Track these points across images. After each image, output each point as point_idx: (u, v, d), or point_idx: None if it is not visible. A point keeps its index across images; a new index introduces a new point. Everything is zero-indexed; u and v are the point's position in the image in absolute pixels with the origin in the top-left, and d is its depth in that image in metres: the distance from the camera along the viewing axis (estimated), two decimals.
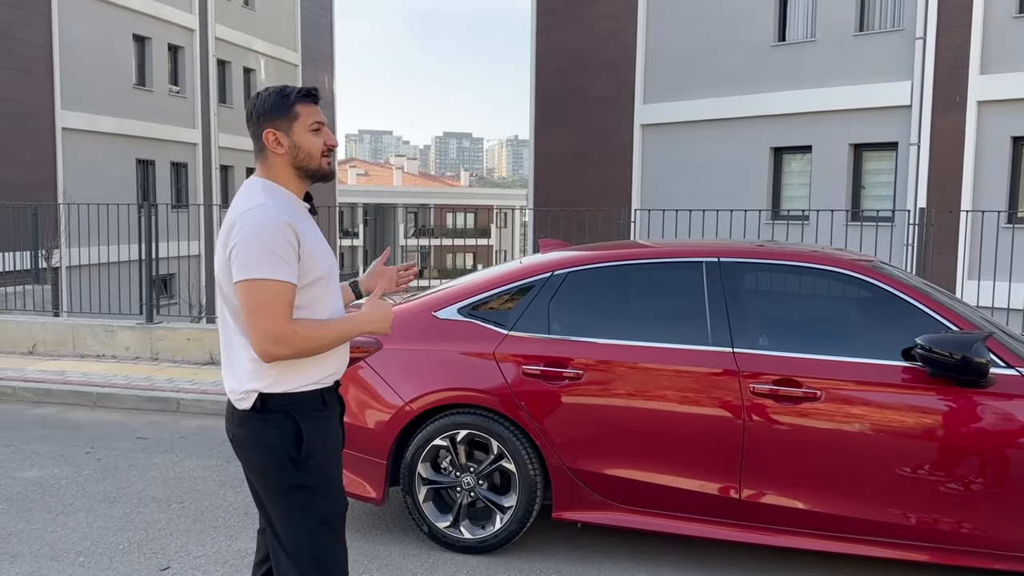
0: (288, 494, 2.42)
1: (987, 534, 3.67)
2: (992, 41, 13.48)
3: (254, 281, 2.29)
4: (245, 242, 2.30)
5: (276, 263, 2.29)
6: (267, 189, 2.42)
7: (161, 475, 5.51)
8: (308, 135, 2.45)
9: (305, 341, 2.33)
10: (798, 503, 3.83)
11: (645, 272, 4.39)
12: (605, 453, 4.07)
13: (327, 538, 2.46)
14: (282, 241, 2.31)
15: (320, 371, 2.46)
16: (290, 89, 2.48)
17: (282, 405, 2.40)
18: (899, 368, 3.75)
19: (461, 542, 4.24)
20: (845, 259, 4.16)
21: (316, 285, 2.41)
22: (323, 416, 2.48)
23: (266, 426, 2.40)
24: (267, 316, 2.29)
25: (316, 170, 2.48)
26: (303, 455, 2.40)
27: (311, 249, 2.38)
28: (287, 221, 2.33)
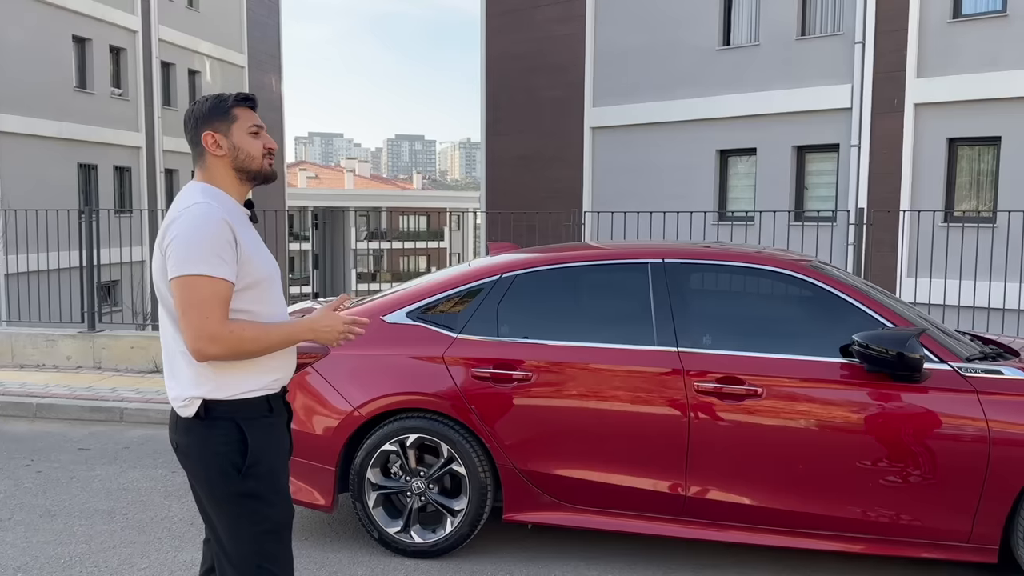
0: (233, 502, 2.39)
1: (923, 524, 3.78)
2: (928, 45, 13.90)
3: (189, 277, 2.26)
4: (181, 239, 2.28)
5: (212, 260, 2.26)
6: (206, 191, 2.40)
7: (104, 487, 5.39)
8: (247, 137, 2.44)
9: (241, 342, 2.30)
10: (742, 498, 3.91)
11: (592, 274, 4.43)
12: (555, 454, 4.10)
13: (273, 547, 2.44)
14: (220, 239, 2.28)
15: (265, 377, 2.43)
16: (227, 94, 2.47)
17: (226, 412, 2.37)
18: (837, 365, 3.85)
19: (412, 547, 4.23)
20: (785, 259, 4.25)
21: (253, 289, 2.38)
22: (269, 423, 2.45)
23: (210, 433, 2.37)
24: (201, 313, 2.26)
25: (258, 171, 2.46)
26: (248, 463, 2.38)
27: (248, 252, 2.36)
28: (224, 218, 2.31)
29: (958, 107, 13.65)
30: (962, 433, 3.70)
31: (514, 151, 21.06)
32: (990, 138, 13.53)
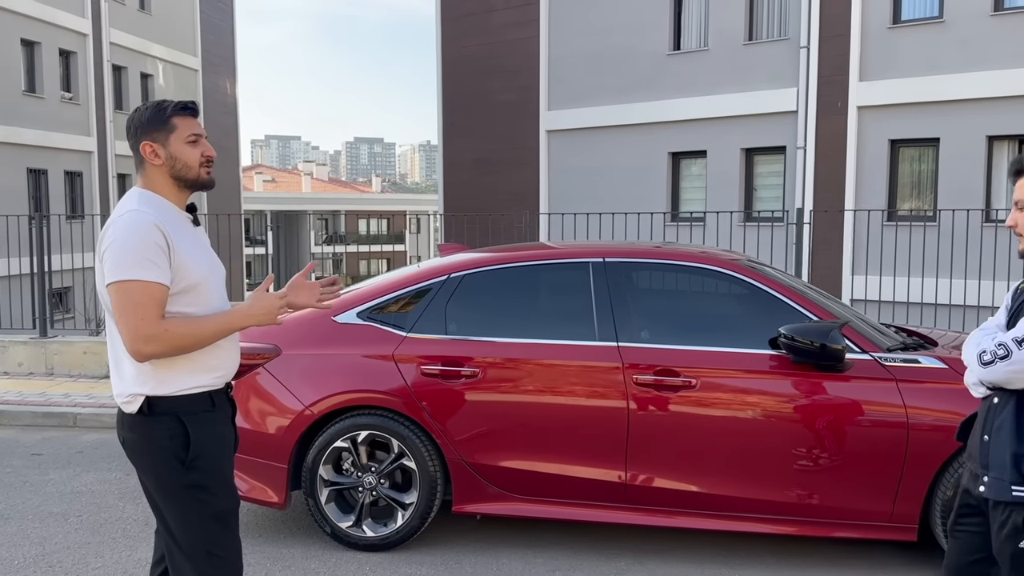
0: (180, 493, 2.49)
1: (849, 506, 4.01)
2: (869, 50, 14.34)
3: (123, 283, 2.36)
4: (115, 246, 2.38)
5: (144, 265, 2.37)
6: (142, 198, 2.49)
7: (57, 490, 5.42)
8: (185, 147, 2.52)
9: (176, 338, 2.40)
10: (680, 485, 4.10)
11: (537, 273, 4.60)
12: (502, 447, 4.25)
13: (220, 534, 2.55)
14: (151, 244, 2.38)
15: (206, 375, 2.53)
16: (167, 103, 2.55)
17: (169, 408, 2.47)
18: (766, 356, 4.07)
19: (364, 540, 4.35)
20: (720, 258, 4.46)
21: (190, 291, 2.48)
22: (211, 417, 2.55)
23: (154, 429, 2.47)
24: (136, 315, 2.36)
25: (195, 180, 2.55)
26: (191, 455, 2.47)
27: (183, 256, 2.45)
28: (156, 225, 2.41)
29: (899, 109, 14.10)
30: (882, 419, 3.93)
31: (471, 154, 21.20)
32: (930, 139, 14.00)
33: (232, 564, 2.57)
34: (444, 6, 21.15)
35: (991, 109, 13.27)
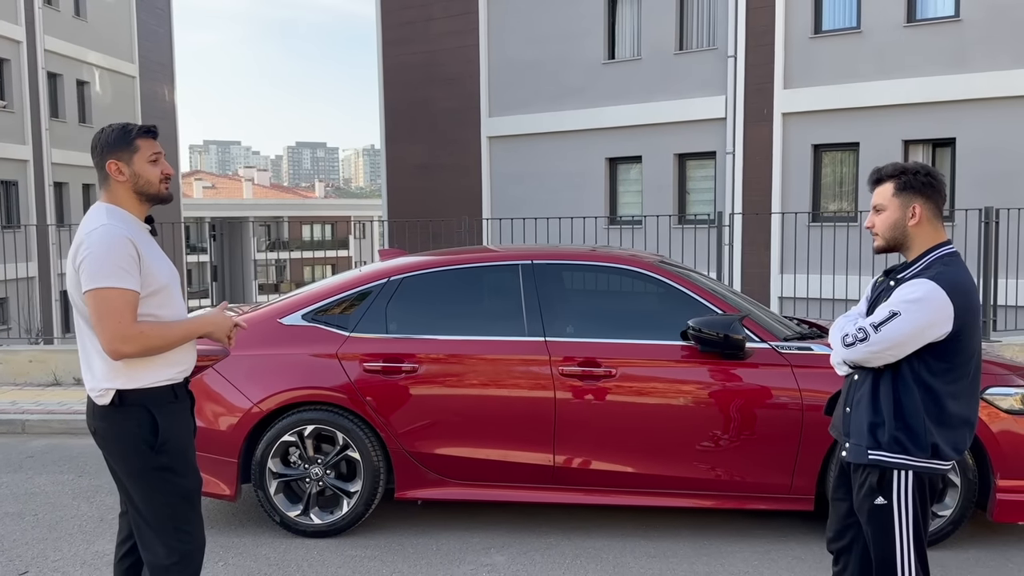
0: (149, 475, 2.78)
1: (755, 480, 4.45)
2: (793, 59, 15.08)
3: (101, 290, 2.65)
4: (92, 257, 2.66)
5: (120, 274, 2.66)
6: (110, 212, 2.78)
7: (11, 492, 5.59)
8: (147, 165, 2.81)
9: (150, 339, 2.71)
10: (603, 465, 4.50)
11: (470, 275, 4.96)
12: (440, 436, 4.60)
13: (186, 511, 2.84)
14: (125, 255, 2.67)
15: (168, 370, 2.83)
16: (132, 126, 2.85)
17: (138, 399, 2.76)
18: (678, 347, 4.50)
19: (312, 527, 4.65)
20: (636, 259, 4.89)
21: (157, 295, 2.78)
22: (175, 407, 2.85)
23: (124, 418, 2.76)
24: (114, 319, 2.65)
25: (156, 195, 2.85)
26: (160, 441, 2.77)
27: (149, 264, 2.75)
28: (128, 237, 2.70)
29: (821, 116, 14.86)
30: (780, 401, 4.38)
31: (414, 160, 21.47)
32: (850, 143, 14.78)
33: (197, 537, 2.86)
34: (384, 14, 21.39)
35: (906, 115, 14.10)
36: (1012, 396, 4.38)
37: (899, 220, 2.89)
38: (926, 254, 2.86)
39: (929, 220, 2.87)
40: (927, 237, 2.87)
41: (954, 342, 2.73)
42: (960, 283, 2.74)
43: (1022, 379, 4.50)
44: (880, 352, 2.76)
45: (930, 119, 13.94)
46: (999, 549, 4.37)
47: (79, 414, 7.39)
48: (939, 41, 13.80)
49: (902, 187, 2.88)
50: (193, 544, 2.86)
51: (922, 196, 2.86)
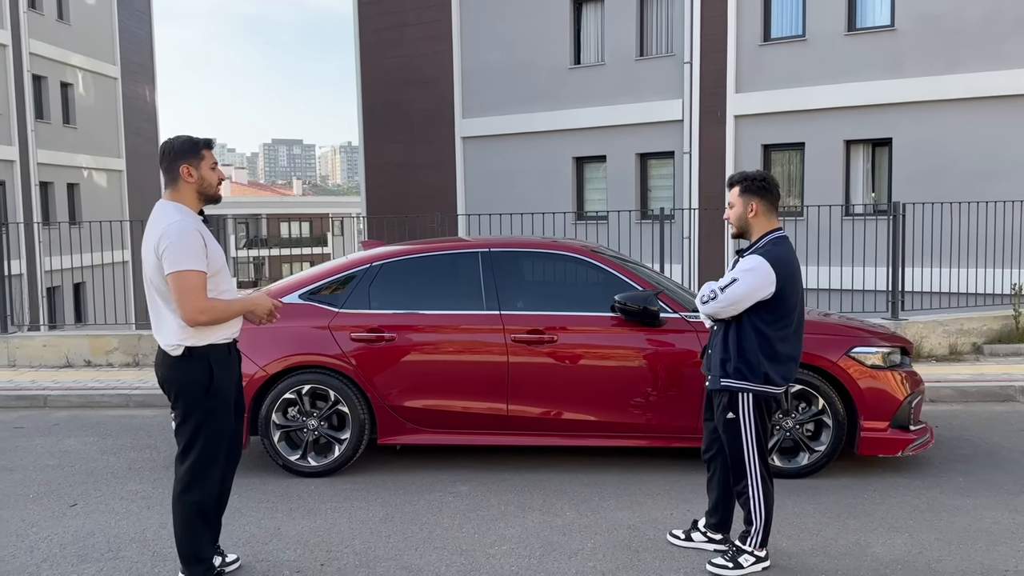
0: (200, 412, 3.71)
1: (672, 424, 5.50)
2: (744, 65, 16.19)
3: (181, 272, 3.55)
4: (173, 246, 3.56)
5: (194, 259, 3.56)
6: (179, 209, 3.71)
7: (47, 450, 6.53)
8: (209, 171, 3.74)
9: (217, 311, 3.62)
10: (547, 412, 5.54)
11: (438, 261, 5.98)
12: (414, 392, 5.61)
13: (220, 446, 3.77)
14: (198, 244, 3.60)
15: (224, 332, 3.76)
16: (198, 138, 3.73)
17: (201, 353, 3.71)
18: (607, 318, 5.54)
19: (309, 469, 5.64)
20: (575, 246, 5.93)
21: (217, 275, 3.70)
22: (227, 362, 3.79)
23: (190, 366, 3.69)
24: (192, 295, 3.55)
25: (213, 195, 3.78)
26: (213, 385, 3.73)
27: (212, 250, 3.68)
28: (197, 229, 3.66)
29: (770, 118, 15.99)
30: (688, 360, 5.42)
31: (392, 159, 22.42)
32: (796, 144, 15.92)
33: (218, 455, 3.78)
34: (361, 21, 22.30)
35: (847, 117, 15.25)
36: (874, 354, 5.46)
37: (742, 214, 3.95)
38: (762, 238, 3.92)
39: (763, 213, 3.93)
40: (762, 226, 3.93)
41: (779, 300, 3.79)
42: (782, 258, 3.80)
43: (884, 341, 5.60)
44: (724, 307, 3.81)
45: (869, 121, 15.09)
46: (863, 477, 5.45)
47: (94, 390, 8.34)
48: (877, 48, 14.94)
49: (743, 190, 3.94)
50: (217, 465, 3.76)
51: (757, 196, 3.92)
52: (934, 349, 9.11)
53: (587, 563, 4.18)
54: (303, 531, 4.68)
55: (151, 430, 7.10)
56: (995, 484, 5.27)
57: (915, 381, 5.63)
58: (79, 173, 28.45)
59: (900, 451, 5.42)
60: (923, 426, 5.63)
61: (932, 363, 8.81)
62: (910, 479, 5.39)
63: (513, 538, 4.52)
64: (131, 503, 5.24)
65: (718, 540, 4.24)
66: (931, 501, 4.98)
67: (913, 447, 5.45)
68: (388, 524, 4.77)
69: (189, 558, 3.79)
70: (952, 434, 6.48)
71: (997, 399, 7.60)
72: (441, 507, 5.03)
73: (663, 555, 4.26)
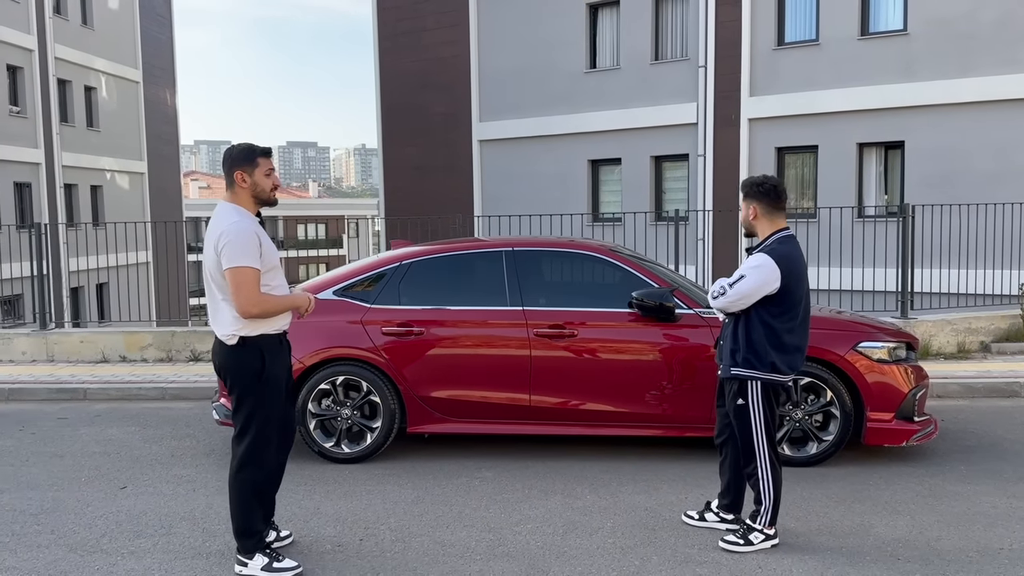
0: (253, 396, 4.03)
1: (686, 414, 5.78)
2: (758, 69, 16.44)
3: (238, 268, 3.88)
4: (232, 243, 3.88)
5: (249, 257, 3.89)
6: (237, 211, 4.04)
7: (92, 438, 6.90)
8: (263, 177, 4.05)
9: (268, 305, 3.94)
10: (568, 403, 5.84)
11: (465, 260, 6.29)
12: (442, 383, 5.93)
13: (270, 429, 4.09)
14: (254, 243, 3.92)
15: (274, 325, 4.08)
16: (256, 146, 4.05)
17: (254, 342, 4.03)
18: (625, 313, 5.84)
19: (343, 455, 5.97)
20: (593, 245, 6.24)
21: (270, 271, 4.02)
22: (278, 351, 4.10)
23: (244, 354, 4.02)
24: (246, 289, 3.87)
25: (267, 200, 4.09)
26: (264, 373, 4.05)
27: (266, 249, 3.99)
28: (254, 230, 3.99)
29: (783, 121, 16.22)
30: (702, 354, 5.71)
31: (409, 161, 22.80)
32: (809, 146, 16.15)
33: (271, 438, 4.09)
34: (380, 25, 22.70)
35: (860, 120, 15.47)
36: (880, 349, 5.74)
37: (746, 216, 4.26)
38: (768, 237, 4.21)
39: (765, 215, 4.23)
40: (766, 226, 4.23)
41: (784, 294, 4.08)
42: (786, 255, 4.10)
43: (890, 336, 5.87)
44: (734, 302, 4.11)
45: (882, 124, 15.30)
46: (869, 466, 5.72)
47: (131, 384, 8.71)
48: (890, 53, 15.16)
49: (746, 195, 4.26)
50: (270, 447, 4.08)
51: (756, 199, 4.22)
52: (943, 347, 9.35)
53: (607, 540, 4.48)
54: (341, 510, 5.01)
55: (189, 421, 7.45)
56: (995, 472, 5.54)
57: (920, 375, 5.90)
58: (102, 175, 29.00)
59: (905, 441, 5.69)
60: (927, 418, 5.89)
61: (940, 361, 9.05)
62: (914, 467, 5.66)
63: (537, 518, 4.83)
64: (178, 486, 5.59)
65: (730, 520, 4.53)
66: (933, 487, 5.25)
67: (917, 437, 5.71)
68: (420, 505, 5.08)
69: (242, 532, 4.12)
70: (957, 427, 6.73)
71: (1003, 395, 7.84)
72: (468, 490, 5.34)
73: (678, 533, 4.55)
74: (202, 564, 4.28)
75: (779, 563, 4.14)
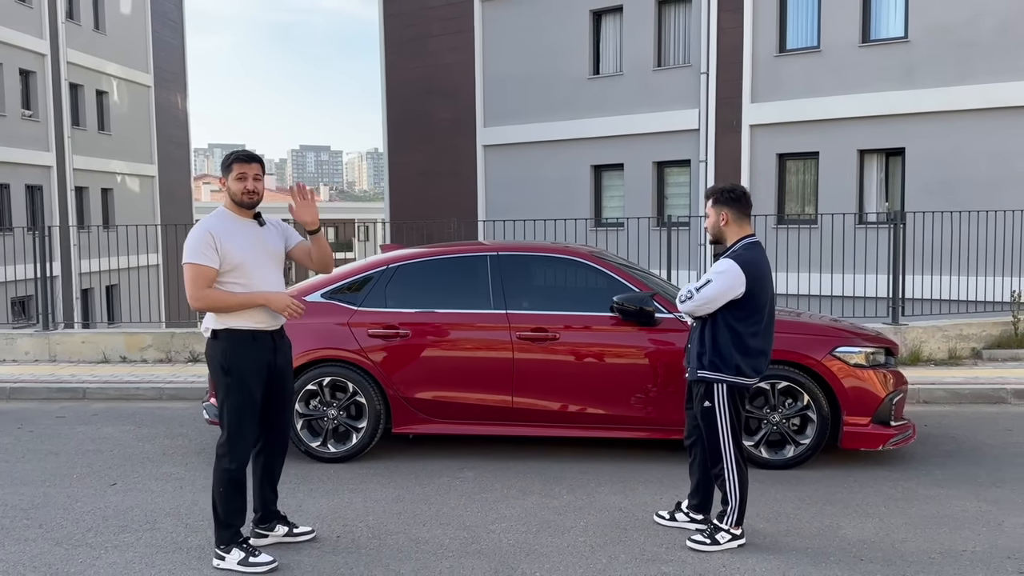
0: (222, 386, 4.20)
1: (665, 417, 5.87)
2: (759, 75, 16.51)
3: (186, 264, 4.09)
4: (186, 243, 4.11)
5: (198, 255, 4.06)
6: (216, 212, 4.23)
7: (87, 436, 7.04)
8: (234, 182, 4.20)
9: (213, 300, 4.09)
10: (548, 406, 5.94)
11: (450, 264, 6.41)
12: (426, 384, 6.04)
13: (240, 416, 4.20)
14: (205, 243, 4.07)
15: (245, 321, 4.19)
16: (233, 153, 4.24)
17: (223, 335, 4.19)
18: (606, 317, 5.93)
19: (329, 455, 6.09)
20: (579, 250, 6.34)
21: (234, 271, 4.13)
22: (249, 346, 4.21)
23: (214, 346, 4.21)
24: (190, 284, 4.08)
25: (239, 201, 4.24)
26: (229, 364, 4.18)
27: (228, 249, 4.10)
28: (210, 231, 4.10)
29: (785, 127, 16.28)
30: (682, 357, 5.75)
31: (415, 166, 22.97)
32: (810, 153, 16.19)
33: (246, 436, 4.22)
34: (387, 32, 22.89)
35: (861, 127, 15.50)
36: (858, 354, 5.81)
37: (716, 223, 4.35)
38: (735, 244, 4.31)
39: (735, 221, 4.32)
40: (735, 232, 4.32)
41: (749, 299, 4.17)
42: (751, 261, 4.19)
43: (867, 341, 5.94)
44: (700, 306, 4.21)
45: (883, 130, 15.33)
46: (846, 469, 5.79)
47: (129, 384, 8.87)
48: (890, 60, 15.20)
49: (716, 201, 4.34)
50: (241, 441, 4.22)
51: (727, 206, 4.31)
52: (933, 353, 9.39)
53: (578, 538, 4.58)
54: (322, 508, 5.12)
55: (183, 420, 7.59)
56: (970, 477, 5.60)
57: (899, 380, 5.97)
58: (113, 178, 29.31)
59: (881, 445, 5.76)
60: (904, 423, 5.96)
61: (931, 367, 9.09)
62: (890, 471, 5.73)
63: (512, 517, 4.92)
64: (166, 483, 5.72)
65: (700, 520, 4.61)
66: (906, 491, 5.32)
67: (894, 442, 5.78)
68: (399, 504, 5.19)
69: (220, 522, 4.24)
70: (939, 432, 6.79)
71: (989, 401, 7.88)
72: (449, 490, 5.45)
73: (648, 533, 4.64)
74: (182, 558, 4.40)
75: (743, 562, 4.23)
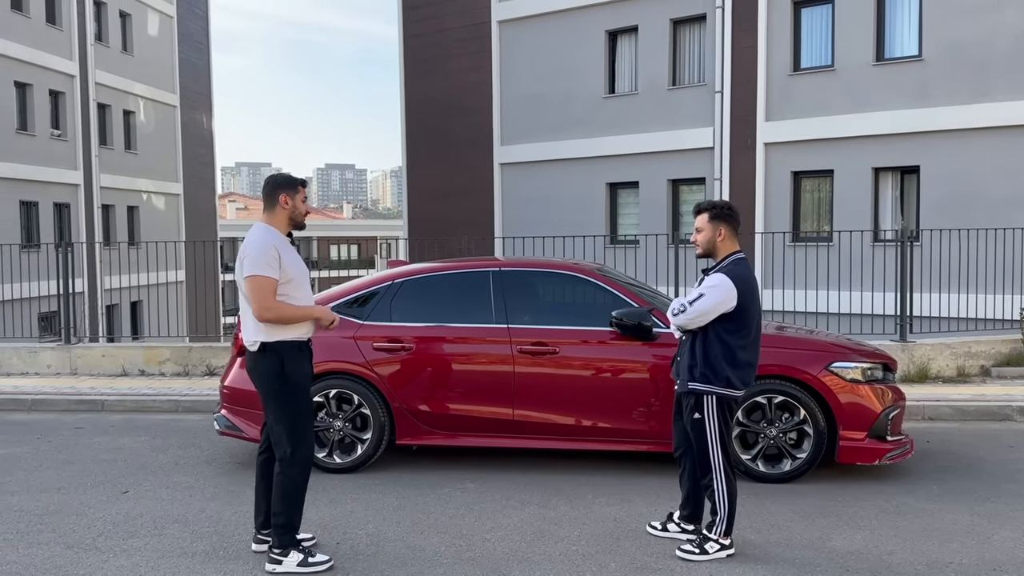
0: (277, 396, 4.35)
1: (663, 429, 5.95)
2: (774, 94, 16.59)
3: (254, 276, 4.23)
4: (251, 256, 4.25)
5: (266, 267, 4.22)
6: (267, 229, 4.37)
7: (104, 447, 7.25)
8: (301, 203, 4.42)
9: (281, 312, 4.26)
10: (549, 418, 6.06)
11: (453, 279, 6.56)
12: (429, 396, 6.18)
13: (299, 422, 4.36)
14: (271, 256, 4.23)
15: (294, 332, 4.37)
16: (298, 178, 4.46)
17: (274, 347, 4.32)
18: (606, 332, 6.05)
19: (334, 465, 6.23)
20: (581, 266, 6.47)
21: (290, 283, 4.31)
22: (297, 356, 4.38)
23: (265, 358, 4.34)
24: (260, 295, 4.22)
25: (300, 223, 4.45)
26: (284, 374, 4.33)
27: (287, 262, 4.30)
28: (274, 245, 4.28)
29: (799, 146, 16.33)
30: None
31: (433, 184, 23.24)
32: (825, 171, 16.22)
33: (307, 441, 4.38)
34: (406, 52, 23.25)
35: (875, 145, 15.53)
36: (854, 369, 5.88)
37: (711, 238, 4.46)
38: (725, 259, 4.42)
39: (728, 237, 4.44)
40: (727, 248, 4.44)
41: (739, 312, 4.28)
42: (741, 275, 4.30)
43: (864, 357, 6.01)
44: (692, 319, 4.32)
45: (897, 149, 15.35)
46: (842, 483, 5.84)
47: (147, 396, 9.09)
48: (905, 78, 15.24)
49: (712, 216, 4.45)
50: (305, 444, 4.38)
51: (724, 222, 4.43)
52: (941, 370, 9.39)
53: (571, 547, 4.68)
54: (324, 516, 5.26)
55: (197, 432, 7.78)
56: (966, 491, 5.63)
57: (896, 395, 6.03)
58: (139, 196, 29.87)
59: (877, 460, 5.81)
60: (901, 438, 6.00)
61: (939, 384, 9.10)
62: (886, 485, 5.78)
63: (509, 527, 5.04)
64: (176, 491, 5.89)
65: (691, 530, 4.70)
66: (900, 505, 5.37)
67: (890, 456, 5.83)
68: (399, 513, 5.32)
69: (284, 526, 4.39)
70: (941, 448, 6.82)
71: (994, 418, 7.88)
72: (449, 500, 5.57)
73: (640, 543, 4.74)
74: (187, 563, 4.55)
75: (731, 571, 4.31)
